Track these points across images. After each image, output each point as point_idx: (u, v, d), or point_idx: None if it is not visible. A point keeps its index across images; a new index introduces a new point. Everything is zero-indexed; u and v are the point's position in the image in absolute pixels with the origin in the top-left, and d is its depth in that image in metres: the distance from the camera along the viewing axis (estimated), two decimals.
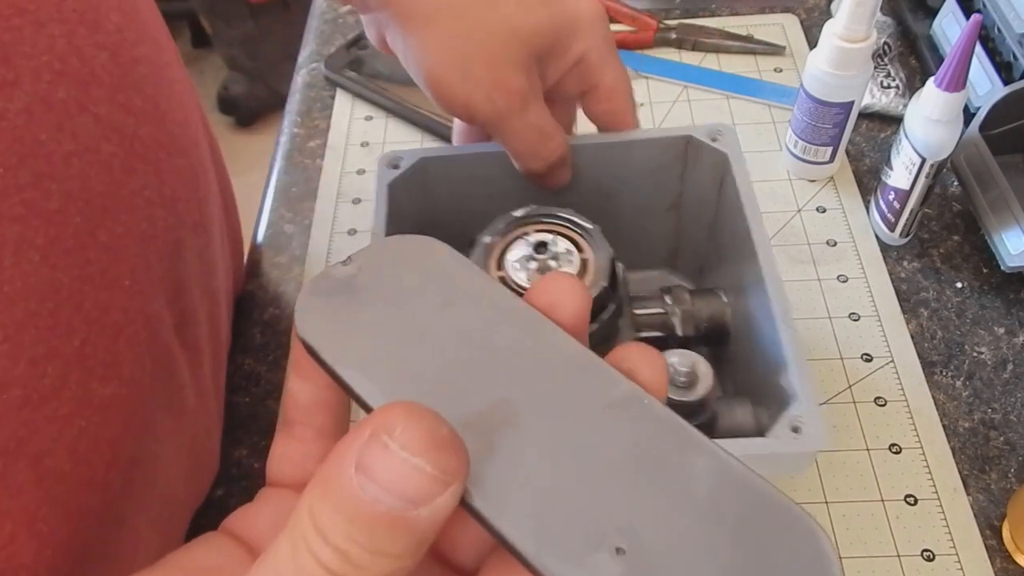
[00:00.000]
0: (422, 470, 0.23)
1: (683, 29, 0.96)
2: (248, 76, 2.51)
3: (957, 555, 0.60)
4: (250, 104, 2.57)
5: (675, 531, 0.25)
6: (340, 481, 0.23)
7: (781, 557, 0.24)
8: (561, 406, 0.28)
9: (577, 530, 0.25)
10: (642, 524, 0.25)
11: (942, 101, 0.66)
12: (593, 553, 0.24)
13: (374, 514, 0.23)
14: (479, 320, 0.30)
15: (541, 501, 0.25)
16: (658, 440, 0.27)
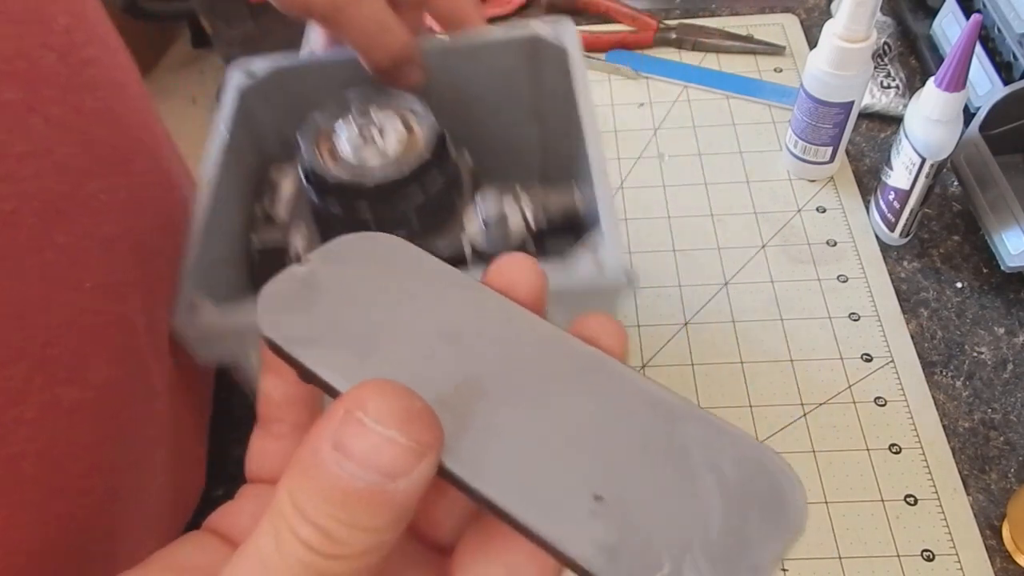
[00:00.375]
0: (396, 442, 0.24)
1: (683, 29, 0.96)
2: None
3: (957, 555, 0.60)
4: None
5: (649, 478, 0.26)
6: (317, 461, 0.24)
7: (751, 494, 0.25)
8: (529, 377, 0.28)
9: (555, 483, 0.26)
10: (617, 474, 0.26)
11: (942, 101, 0.66)
12: (572, 502, 0.25)
13: (352, 490, 0.24)
14: (441, 305, 0.31)
15: (517, 462, 0.26)
16: (624, 398, 0.28)
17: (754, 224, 0.79)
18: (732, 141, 0.87)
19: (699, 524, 0.25)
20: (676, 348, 0.71)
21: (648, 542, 0.24)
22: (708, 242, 0.78)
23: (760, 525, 0.25)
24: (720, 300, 0.74)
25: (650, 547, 0.24)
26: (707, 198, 0.82)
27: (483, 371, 0.28)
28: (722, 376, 0.70)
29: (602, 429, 0.27)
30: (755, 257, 0.77)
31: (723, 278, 0.76)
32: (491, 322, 0.30)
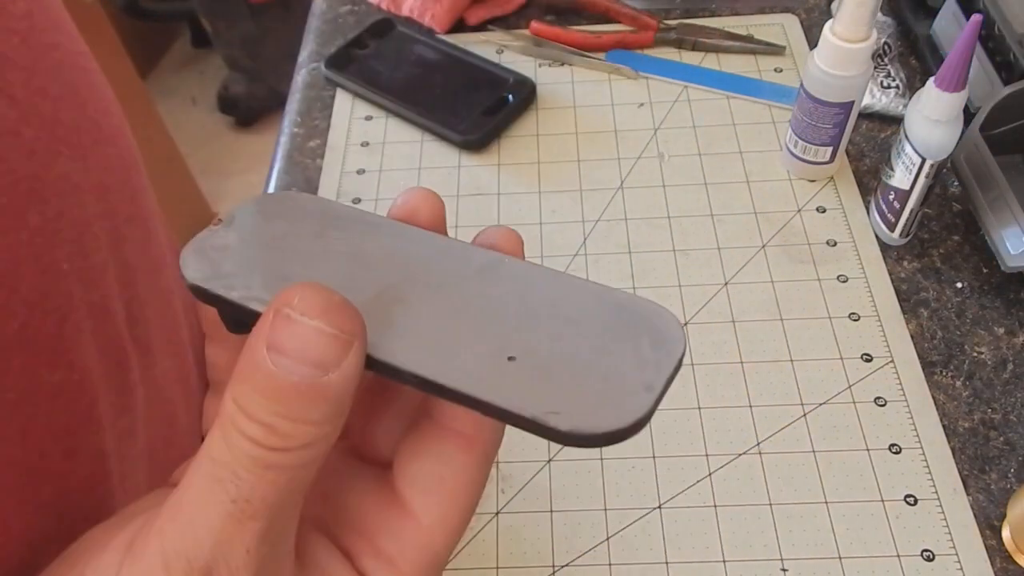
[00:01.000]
0: (323, 331, 0.26)
1: (683, 29, 0.96)
2: (248, 76, 2.51)
3: (957, 555, 0.60)
4: (250, 104, 2.57)
5: (549, 337, 0.29)
6: (254, 364, 0.26)
7: (635, 334, 0.29)
8: (439, 279, 0.32)
9: (472, 352, 0.29)
10: (523, 338, 0.29)
11: (943, 101, 0.66)
12: (489, 363, 0.29)
13: (290, 385, 0.26)
14: (351, 237, 0.34)
15: (436, 342, 0.29)
16: (525, 282, 0.32)
17: (754, 224, 0.80)
18: (732, 141, 0.87)
19: (596, 361, 0.29)
20: None
21: (556, 381, 0.28)
22: (708, 242, 0.79)
23: (647, 354, 0.29)
24: (720, 300, 0.74)
25: (558, 385, 0.28)
26: (707, 198, 0.82)
27: (397, 281, 0.32)
28: (722, 376, 0.70)
29: (505, 306, 0.31)
30: (755, 257, 0.77)
31: (723, 278, 0.76)
32: (399, 243, 0.33)
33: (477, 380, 0.28)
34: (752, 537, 0.62)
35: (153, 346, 0.51)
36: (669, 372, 0.28)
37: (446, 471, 0.31)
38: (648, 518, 0.63)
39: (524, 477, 0.66)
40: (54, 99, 0.41)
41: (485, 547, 0.63)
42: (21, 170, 0.38)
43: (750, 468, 0.65)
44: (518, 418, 0.27)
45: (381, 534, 0.31)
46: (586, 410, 0.27)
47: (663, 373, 0.28)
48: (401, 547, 0.31)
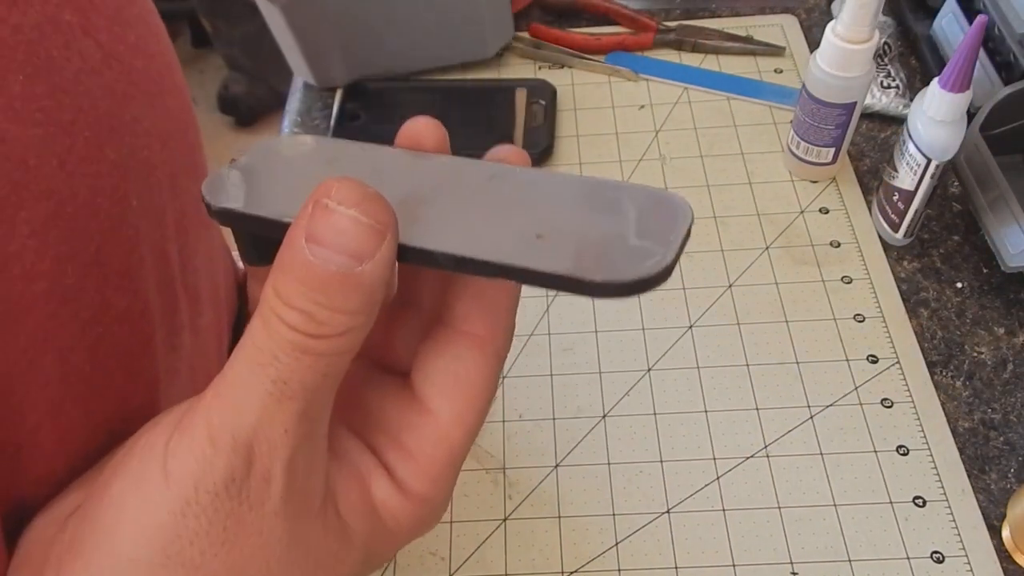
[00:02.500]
0: (359, 221, 0.28)
1: (683, 30, 0.96)
2: (248, 76, 2.51)
3: (967, 556, 0.60)
4: (250, 104, 2.56)
5: (573, 219, 0.31)
6: (294, 255, 0.28)
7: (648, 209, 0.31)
8: (456, 185, 0.34)
9: (502, 232, 0.31)
10: (551, 220, 0.31)
11: (947, 102, 0.66)
12: (519, 239, 0.30)
13: (327, 275, 0.27)
14: (365, 161, 0.36)
15: (466, 228, 0.31)
16: (541, 182, 0.34)
17: (757, 226, 0.80)
18: (734, 142, 0.87)
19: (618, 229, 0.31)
20: (681, 351, 0.72)
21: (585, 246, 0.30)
22: (711, 244, 0.79)
23: (662, 221, 0.31)
24: (725, 303, 0.75)
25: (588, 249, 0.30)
26: (710, 200, 0.82)
27: (418, 189, 0.33)
28: (728, 379, 0.70)
29: (525, 199, 0.33)
30: (759, 259, 0.77)
31: (727, 280, 0.76)
32: (412, 162, 0.35)
33: (511, 252, 0.30)
34: (761, 540, 0.62)
35: (200, 295, 0.53)
36: (683, 231, 0.30)
37: (460, 369, 0.33)
38: (657, 523, 0.63)
39: (531, 483, 0.66)
40: (131, 46, 0.43)
41: (493, 554, 0.63)
42: (102, 107, 0.40)
43: (758, 471, 0.65)
44: (555, 278, 0.29)
45: (403, 430, 0.33)
46: (616, 264, 0.29)
47: (679, 231, 0.30)
48: (420, 441, 0.33)
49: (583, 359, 0.72)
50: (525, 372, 0.72)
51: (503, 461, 0.67)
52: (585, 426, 0.69)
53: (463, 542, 0.64)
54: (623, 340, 0.73)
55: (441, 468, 0.33)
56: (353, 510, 0.33)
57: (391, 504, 0.33)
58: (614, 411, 0.69)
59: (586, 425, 0.69)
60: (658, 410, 0.69)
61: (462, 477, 0.66)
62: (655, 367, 0.71)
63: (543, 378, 0.71)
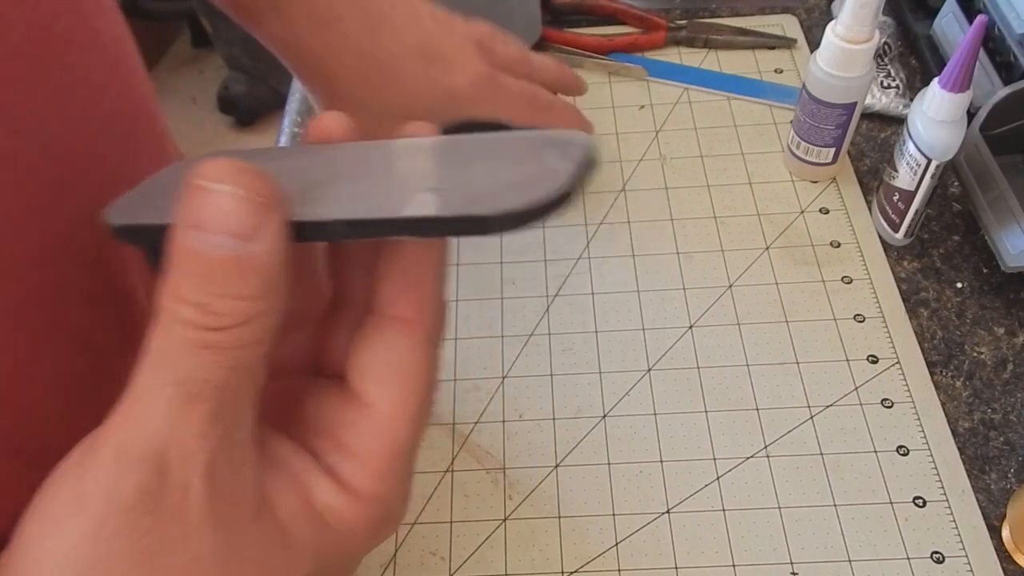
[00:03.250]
0: (237, 196, 0.26)
1: (693, 27, 0.96)
2: (248, 75, 2.51)
3: (967, 557, 0.60)
4: (250, 103, 2.57)
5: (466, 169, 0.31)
6: (179, 247, 0.27)
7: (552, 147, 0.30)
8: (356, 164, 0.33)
9: (395, 192, 0.30)
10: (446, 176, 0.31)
11: (947, 102, 0.66)
12: (414, 194, 0.29)
13: (215, 259, 0.26)
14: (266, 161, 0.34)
15: (360, 195, 0.30)
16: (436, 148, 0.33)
17: (757, 226, 0.80)
18: (734, 143, 0.87)
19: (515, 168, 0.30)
20: (681, 351, 0.72)
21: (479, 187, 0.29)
22: (712, 244, 0.79)
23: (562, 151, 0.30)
24: (725, 303, 0.75)
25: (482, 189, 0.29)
26: (710, 200, 0.82)
27: (317, 175, 0.32)
28: (728, 379, 0.70)
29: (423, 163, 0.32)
30: (759, 259, 0.77)
31: (727, 281, 0.76)
32: (315, 153, 0.34)
33: (405, 207, 0.29)
34: (761, 541, 0.62)
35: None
36: (578, 156, 0.29)
37: (394, 357, 0.31)
38: (657, 523, 0.64)
39: (531, 483, 0.66)
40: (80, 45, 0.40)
41: (493, 554, 0.63)
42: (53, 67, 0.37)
43: (758, 471, 0.65)
44: (451, 221, 0.28)
45: (341, 428, 0.32)
46: (511, 197, 0.28)
47: (574, 158, 0.29)
48: (360, 437, 0.31)
49: (583, 359, 0.72)
50: (525, 372, 0.72)
51: (503, 461, 0.67)
52: (585, 426, 0.69)
53: (463, 542, 0.64)
54: (623, 340, 0.73)
55: (387, 462, 0.32)
56: (294, 516, 0.31)
57: (337, 507, 0.31)
58: (614, 411, 0.69)
59: (586, 425, 0.69)
60: (658, 410, 0.69)
61: (462, 477, 0.66)
62: (655, 367, 0.71)
63: (543, 378, 0.71)
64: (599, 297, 0.76)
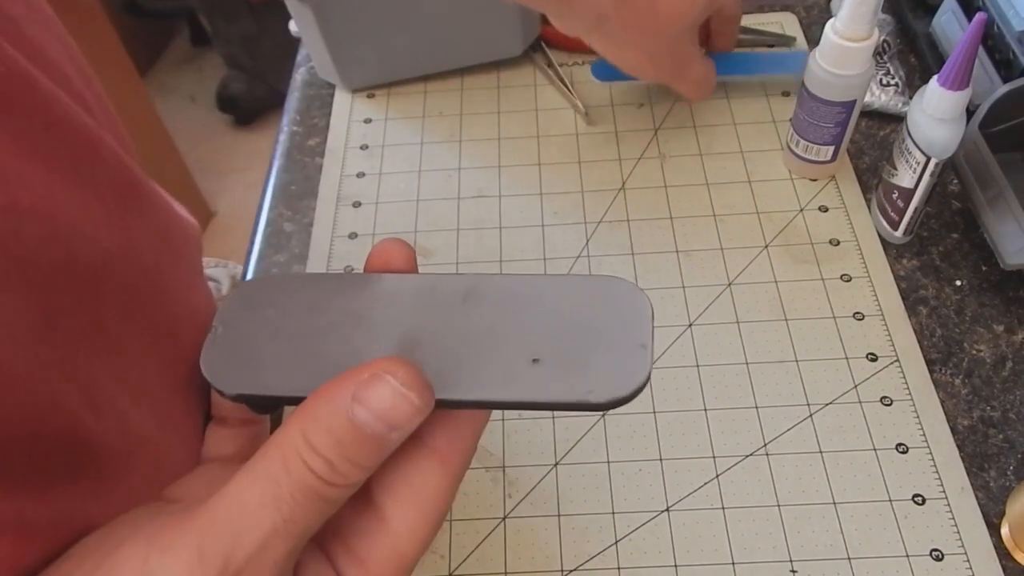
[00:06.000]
0: (411, 402, 0.31)
1: None
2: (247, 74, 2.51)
3: (966, 555, 0.60)
4: (249, 102, 2.57)
5: (552, 333, 0.36)
6: (334, 411, 0.31)
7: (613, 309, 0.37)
8: (438, 316, 0.37)
9: (505, 367, 0.35)
10: (535, 340, 0.36)
11: (946, 99, 0.66)
12: (522, 370, 0.35)
13: (362, 436, 0.31)
14: (340, 302, 0.38)
15: (473, 368, 0.35)
16: (506, 295, 0.37)
17: (756, 224, 0.80)
18: (733, 141, 0.87)
19: (594, 341, 0.36)
20: (681, 350, 0.72)
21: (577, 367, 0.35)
22: (711, 243, 0.79)
23: (626, 318, 0.36)
24: (724, 301, 0.75)
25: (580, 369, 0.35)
26: (709, 198, 0.82)
27: (404, 329, 0.37)
28: (727, 377, 0.70)
29: (504, 320, 0.37)
30: (758, 257, 0.77)
31: (727, 279, 0.76)
32: (385, 296, 0.38)
33: (521, 388, 0.34)
34: (761, 539, 0.62)
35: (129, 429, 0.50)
36: (649, 329, 0.36)
37: (419, 480, 0.34)
38: (656, 521, 0.64)
39: (531, 481, 0.66)
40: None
41: (493, 552, 0.63)
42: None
43: (757, 469, 0.65)
44: (565, 405, 0.34)
45: (355, 536, 0.34)
46: (609, 380, 0.34)
47: (646, 330, 0.36)
48: (371, 550, 0.34)
49: None
50: None
51: (502, 459, 0.67)
52: (584, 424, 0.69)
53: (463, 540, 0.64)
54: None
55: (390, 571, 0.34)
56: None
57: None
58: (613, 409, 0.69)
59: (585, 423, 0.69)
60: (657, 408, 0.69)
61: None
62: (655, 365, 0.71)
63: None
64: None
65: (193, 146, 2.51)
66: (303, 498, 0.30)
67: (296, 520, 0.31)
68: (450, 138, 0.90)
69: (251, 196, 0.91)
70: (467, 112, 0.93)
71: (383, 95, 0.95)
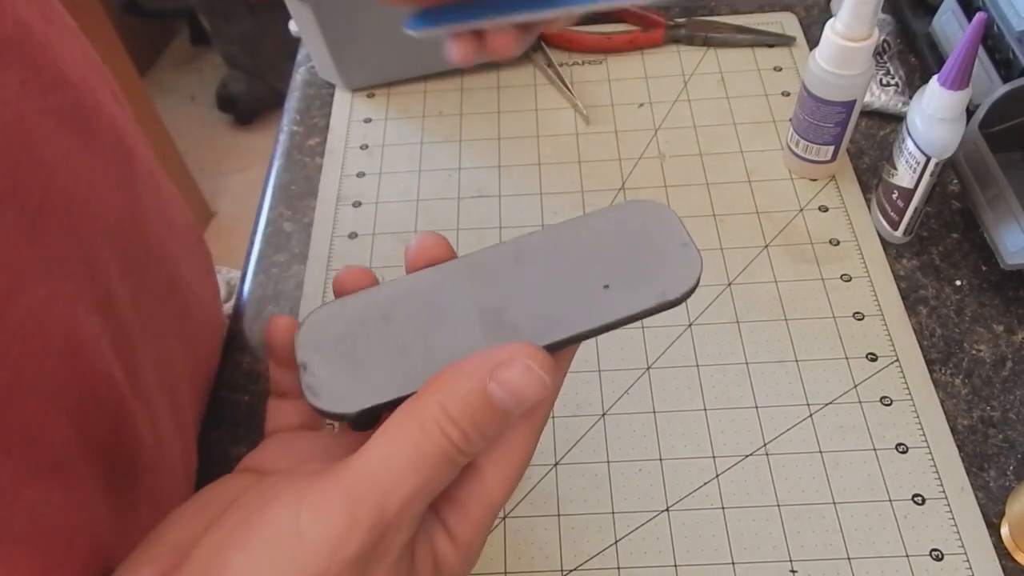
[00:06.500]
0: (543, 382, 0.35)
1: (693, 25, 0.96)
2: (247, 74, 2.51)
3: (966, 554, 0.60)
4: (249, 102, 2.56)
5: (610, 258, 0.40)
6: (473, 387, 0.35)
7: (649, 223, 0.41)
8: (503, 282, 0.40)
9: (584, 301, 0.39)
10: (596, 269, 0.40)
11: (946, 99, 0.66)
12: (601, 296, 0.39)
13: (496, 411, 0.35)
14: (408, 303, 0.40)
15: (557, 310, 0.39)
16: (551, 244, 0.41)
17: (756, 224, 0.80)
18: (733, 140, 0.87)
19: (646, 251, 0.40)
20: (681, 350, 0.72)
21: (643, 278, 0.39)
22: (711, 242, 0.79)
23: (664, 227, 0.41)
24: (724, 301, 0.75)
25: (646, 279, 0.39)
26: (709, 198, 0.82)
27: (485, 302, 0.40)
28: (728, 377, 0.70)
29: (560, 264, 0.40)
30: (758, 257, 0.77)
31: (727, 279, 0.76)
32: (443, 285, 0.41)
33: (608, 312, 0.38)
34: (760, 539, 0.62)
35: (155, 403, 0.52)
36: (684, 229, 0.40)
37: (510, 433, 0.37)
38: (656, 521, 0.64)
39: (531, 481, 0.66)
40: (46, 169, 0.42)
41: (493, 551, 0.63)
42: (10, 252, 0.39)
43: (757, 469, 0.65)
44: (650, 311, 0.39)
45: (454, 485, 0.37)
46: (675, 279, 0.39)
47: (681, 231, 0.40)
48: (468, 496, 0.37)
49: (582, 357, 0.72)
50: None
51: None
52: (584, 424, 0.69)
53: None
54: (622, 338, 0.73)
55: (482, 516, 0.38)
56: (423, 562, 0.37)
57: (446, 553, 0.37)
58: (613, 409, 0.69)
59: (585, 423, 0.69)
60: (657, 408, 0.69)
61: None
62: (654, 365, 0.71)
63: None
64: None
65: (193, 146, 2.51)
66: (440, 463, 0.34)
67: (432, 483, 0.34)
68: (450, 138, 0.90)
69: (251, 196, 0.91)
70: (467, 112, 0.93)
71: (383, 95, 0.95)
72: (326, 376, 0.39)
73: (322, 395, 0.39)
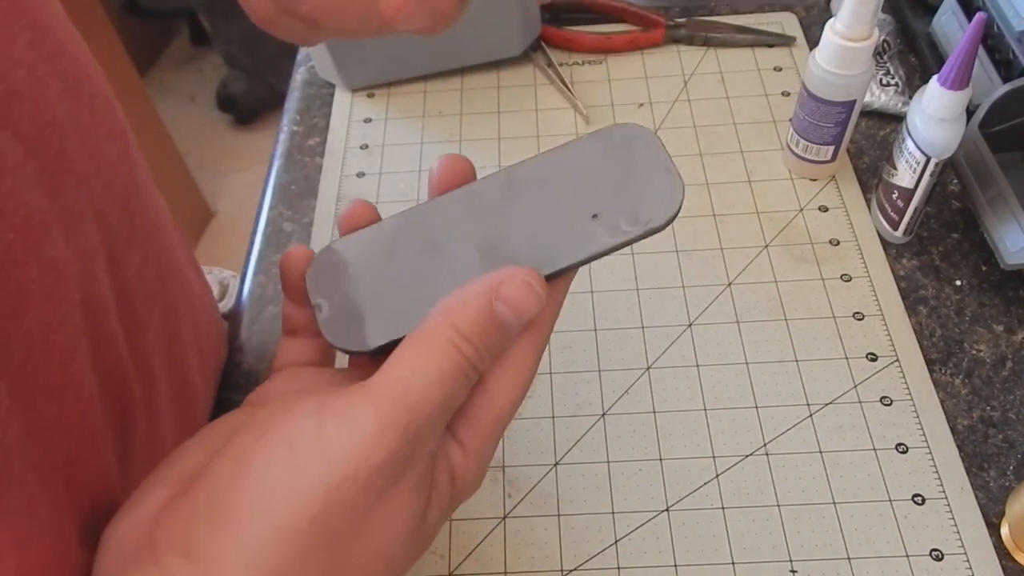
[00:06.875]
0: (538, 294, 0.38)
1: (693, 25, 0.96)
2: (247, 74, 2.51)
3: (966, 554, 0.60)
4: (249, 102, 2.56)
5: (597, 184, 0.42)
6: (480, 305, 0.37)
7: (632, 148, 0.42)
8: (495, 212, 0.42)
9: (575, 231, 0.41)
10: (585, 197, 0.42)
11: (946, 99, 0.66)
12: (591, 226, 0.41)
13: (502, 326, 0.38)
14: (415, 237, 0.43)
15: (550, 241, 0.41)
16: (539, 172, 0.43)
17: (756, 224, 0.80)
18: (733, 141, 0.87)
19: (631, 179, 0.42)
20: (681, 350, 0.72)
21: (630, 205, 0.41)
22: (711, 242, 0.79)
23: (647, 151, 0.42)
24: (724, 301, 0.75)
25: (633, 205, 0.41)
26: (709, 198, 0.82)
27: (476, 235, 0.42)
28: (727, 377, 0.70)
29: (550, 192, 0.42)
30: (758, 257, 0.77)
31: (727, 279, 0.76)
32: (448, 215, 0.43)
33: (596, 242, 0.40)
34: (760, 538, 0.62)
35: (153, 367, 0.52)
36: (666, 154, 0.42)
37: (514, 347, 0.40)
38: (656, 521, 0.64)
39: (531, 481, 0.66)
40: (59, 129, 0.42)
41: (493, 551, 0.63)
42: (32, 203, 0.38)
43: (757, 469, 0.65)
44: (635, 239, 0.40)
45: (464, 401, 0.39)
46: (659, 205, 0.41)
47: (663, 156, 0.42)
48: (477, 409, 0.40)
49: (582, 357, 0.72)
50: None
51: (502, 459, 0.67)
52: (584, 424, 0.69)
53: (462, 540, 0.64)
54: (622, 338, 0.73)
55: (490, 428, 0.40)
56: (442, 474, 0.39)
57: (461, 464, 0.40)
58: (613, 409, 0.69)
59: (585, 423, 0.69)
60: (657, 408, 0.69)
61: None
62: (654, 365, 0.71)
63: (542, 376, 0.71)
64: (598, 295, 0.76)
65: (193, 146, 2.51)
66: (458, 379, 0.36)
67: (453, 397, 0.37)
68: (450, 138, 0.90)
69: (251, 196, 0.91)
70: (467, 112, 0.93)
71: (383, 95, 0.95)
72: (341, 314, 0.42)
73: (339, 333, 0.41)
